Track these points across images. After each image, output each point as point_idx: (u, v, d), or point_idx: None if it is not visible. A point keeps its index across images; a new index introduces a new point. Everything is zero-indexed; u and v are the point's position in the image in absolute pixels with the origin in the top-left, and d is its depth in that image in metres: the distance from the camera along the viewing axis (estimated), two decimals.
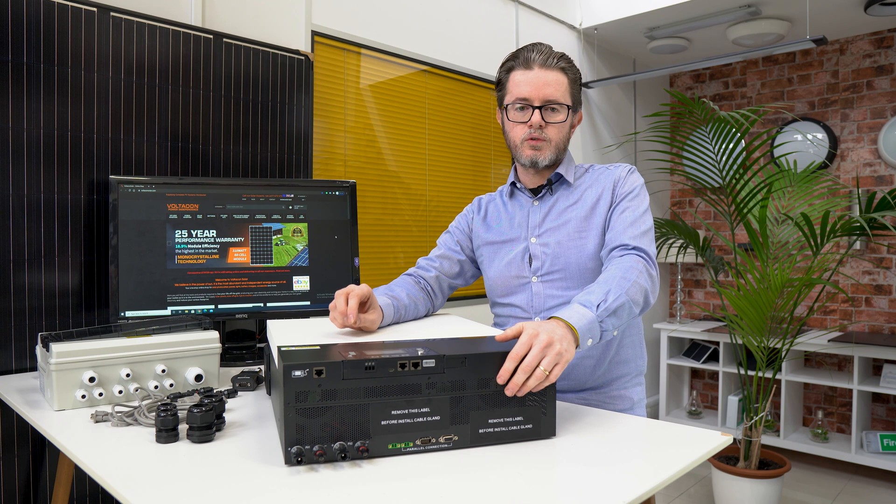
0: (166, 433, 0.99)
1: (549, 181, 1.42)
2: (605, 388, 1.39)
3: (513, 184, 1.48)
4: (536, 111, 1.33)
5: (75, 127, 1.62)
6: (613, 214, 1.34)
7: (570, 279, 1.36)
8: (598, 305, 1.11)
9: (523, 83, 1.34)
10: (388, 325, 1.30)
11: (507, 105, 1.38)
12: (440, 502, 0.76)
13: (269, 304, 1.72)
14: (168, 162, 1.80)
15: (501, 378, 0.95)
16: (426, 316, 1.49)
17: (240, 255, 1.70)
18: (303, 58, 2.11)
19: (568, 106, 1.35)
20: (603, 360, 1.37)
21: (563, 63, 1.35)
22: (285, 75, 2.06)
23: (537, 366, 0.95)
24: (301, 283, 1.75)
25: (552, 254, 1.37)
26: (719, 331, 3.78)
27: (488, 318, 3.01)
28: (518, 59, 1.36)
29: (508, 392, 0.95)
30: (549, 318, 1.08)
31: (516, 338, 1.01)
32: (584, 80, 3.70)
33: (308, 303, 1.76)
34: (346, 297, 1.16)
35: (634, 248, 1.26)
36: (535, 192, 1.44)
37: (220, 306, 1.66)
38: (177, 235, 1.64)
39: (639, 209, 1.33)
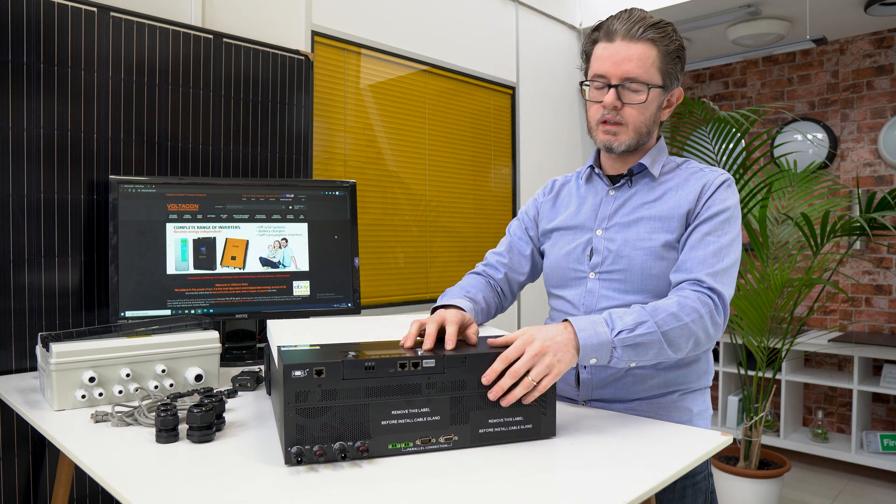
0: (166, 433, 0.99)
1: (631, 171, 1.27)
2: (658, 399, 1.24)
3: (591, 167, 1.33)
4: (612, 91, 1.18)
5: (75, 127, 1.62)
6: (694, 234, 1.17)
7: (630, 282, 1.21)
8: (619, 332, 1.02)
9: (602, 58, 1.20)
10: None
11: (586, 82, 1.25)
12: (440, 502, 0.76)
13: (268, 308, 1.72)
14: (168, 162, 1.80)
15: (487, 378, 0.93)
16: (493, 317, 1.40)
17: (239, 257, 1.70)
18: (303, 58, 2.11)
19: (651, 85, 1.18)
20: (656, 373, 1.23)
21: (653, 33, 1.17)
22: (285, 75, 2.06)
23: (526, 374, 0.94)
24: (301, 287, 1.75)
25: (616, 251, 1.23)
26: None
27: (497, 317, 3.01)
28: (601, 30, 1.21)
29: (492, 395, 0.93)
30: (564, 320, 1.05)
31: (509, 344, 0.98)
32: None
33: (308, 303, 1.76)
34: (439, 325, 1.02)
35: (709, 289, 1.11)
36: (614, 180, 1.29)
37: (219, 310, 1.66)
38: (177, 239, 1.64)
39: (725, 237, 1.16)
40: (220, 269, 1.67)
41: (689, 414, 1.25)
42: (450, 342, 0.99)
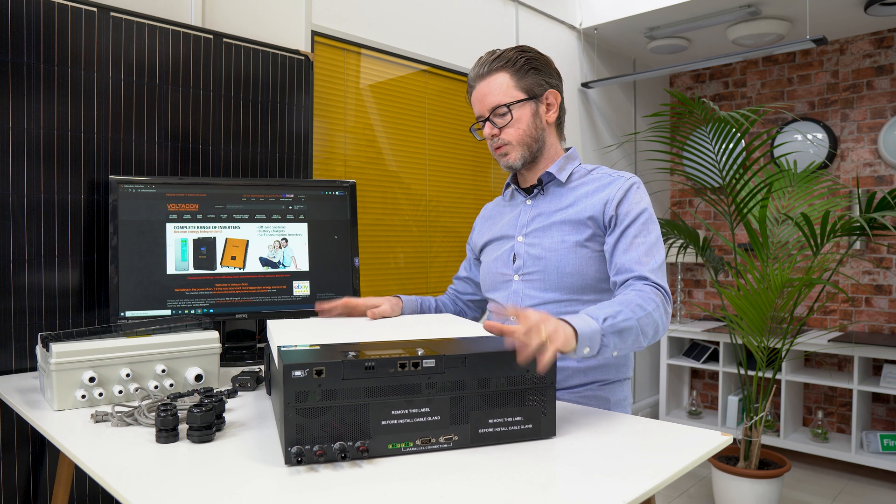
0: (166, 433, 0.99)
1: (541, 181, 1.41)
2: (580, 389, 1.35)
3: (509, 184, 1.51)
4: (486, 123, 1.36)
5: (75, 127, 1.62)
6: (623, 239, 1.29)
7: (547, 280, 1.35)
8: (604, 319, 1.09)
9: (473, 102, 1.39)
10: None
11: (472, 127, 1.44)
12: (440, 502, 0.76)
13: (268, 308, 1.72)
14: (168, 162, 1.80)
15: (490, 327, 0.98)
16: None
17: (239, 257, 1.70)
18: (303, 58, 2.11)
19: (510, 104, 1.33)
20: (577, 366, 1.35)
21: (497, 63, 1.34)
22: (285, 75, 2.06)
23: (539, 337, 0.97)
24: (301, 287, 1.75)
25: (535, 254, 1.37)
26: (719, 331, 3.78)
27: None
28: (468, 82, 1.41)
29: (507, 344, 0.97)
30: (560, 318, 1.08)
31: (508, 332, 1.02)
32: (584, 81, 3.70)
33: (308, 303, 1.76)
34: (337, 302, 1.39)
35: (654, 283, 1.23)
36: (529, 191, 1.44)
37: (219, 310, 1.66)
38: (177, 238, 1.64)
39: (651, 235, 1.29)
40: (220, 269, 1.67)
41: (606, 403, 1.37)
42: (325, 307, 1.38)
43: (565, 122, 1.46)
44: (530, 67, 1.35)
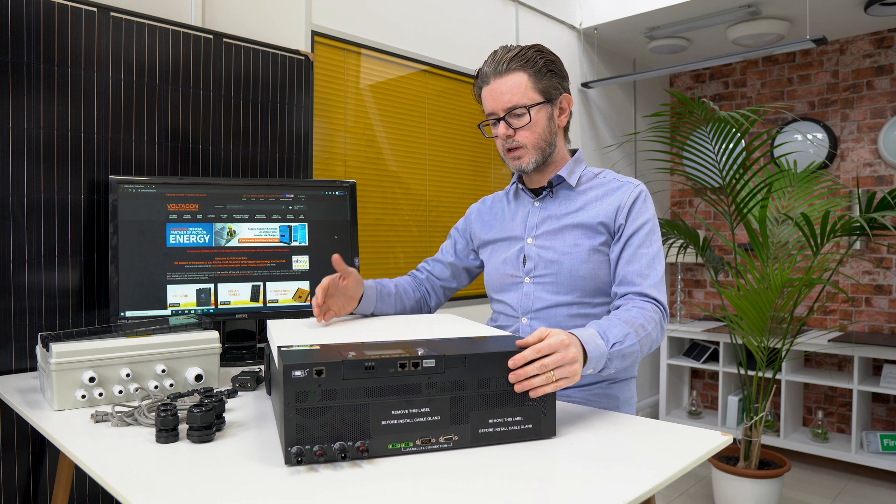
0: (166, 433, 0.99)
1: (551, 183, 1.40)
2: (590, 387, 1.37)
3: (515, 184, 1.49)
4: (501, 122, 1.34)
5: (75, 127, 1.62)
6: (627, 248, 1.31)
7: (560, 284, 1.36)
8: (613, 344, 1.12)
9: (486, 98, 1.36)
10: (372, 308, 1.44)
11: (482, 123, 1.42)
12: (440, 502, 0.76)
13: (268, 284, 1.71)
14: (168, 162, 1.80)
15: (514, 362, 0.96)
16: (419, 312, 1.57)
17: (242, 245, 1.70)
18: (303, 58, 2.11)
19: (530, 106, 1.31)
20: None
21: (518, 61, 1.31)
22: (285, 75, 2.06)
23: (551, 370, 0.97)
24: (300, 262, 1.75)
25: (547, 257, 1.37)
26: (719, 331, 3.78)
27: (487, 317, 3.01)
28: (480, 76, 1.37)
29: (512, 378, 0.96)
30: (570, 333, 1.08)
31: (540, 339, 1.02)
32: (584, 81, 3.70)
33: (308, 302, 1.76)
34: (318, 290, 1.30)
35: (654, 300, 1.27)
36: (537, 192, 1.44)
37: (219, 285, 1.66)
38: (177, 236, 1.64)
39: (653, 246, 1.32)
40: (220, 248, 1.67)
41: (616, 401, 1.38)
42: (316, 309, 1.27)
43: None
44: (548, 70, 1.33)
